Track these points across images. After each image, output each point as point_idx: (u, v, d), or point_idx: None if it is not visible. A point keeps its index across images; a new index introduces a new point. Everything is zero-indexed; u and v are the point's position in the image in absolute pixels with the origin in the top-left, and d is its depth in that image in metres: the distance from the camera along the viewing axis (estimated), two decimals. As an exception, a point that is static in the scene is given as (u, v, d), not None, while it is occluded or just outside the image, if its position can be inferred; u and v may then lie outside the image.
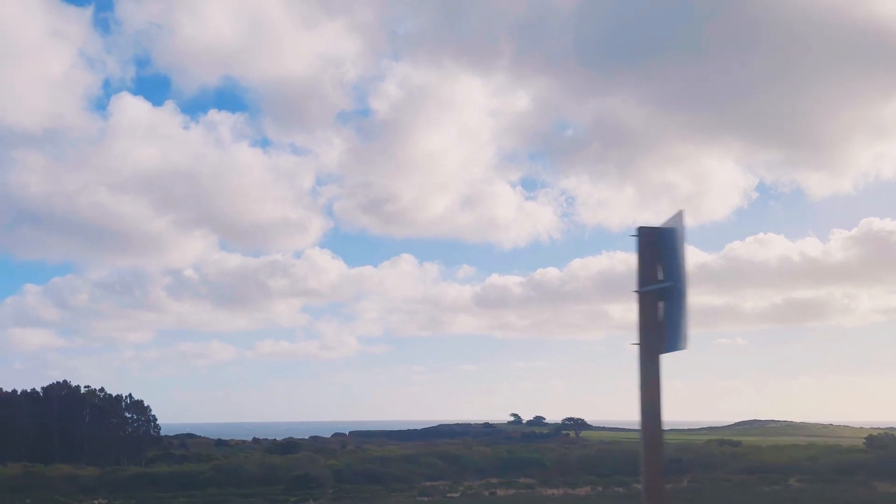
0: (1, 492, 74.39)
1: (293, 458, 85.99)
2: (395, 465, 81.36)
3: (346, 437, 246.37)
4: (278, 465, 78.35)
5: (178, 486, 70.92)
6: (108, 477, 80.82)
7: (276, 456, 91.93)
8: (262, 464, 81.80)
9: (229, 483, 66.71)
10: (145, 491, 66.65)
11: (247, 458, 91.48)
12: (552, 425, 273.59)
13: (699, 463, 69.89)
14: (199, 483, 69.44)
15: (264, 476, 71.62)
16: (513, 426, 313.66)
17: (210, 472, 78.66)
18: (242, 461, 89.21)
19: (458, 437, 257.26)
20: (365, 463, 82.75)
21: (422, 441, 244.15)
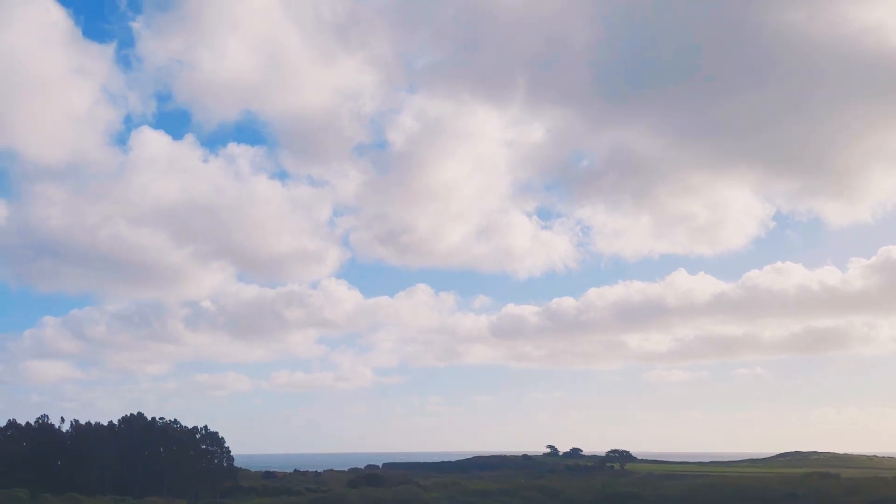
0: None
1: (398, 491, 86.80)
2: (496, 499, 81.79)
3: (386, 470, 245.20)
4: (384, 499, 79.20)
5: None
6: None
7: (382, 489, 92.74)
8: (366, 496, 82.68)
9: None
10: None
11: (349, 492, 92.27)
12: (595, 457, 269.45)
13: (818, 498, 69.24)
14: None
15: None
16: (550, 458, 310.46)
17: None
18: (345, 493, 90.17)
19: (496, 469, 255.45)
20: (468, 497, 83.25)
21: (462, 473, 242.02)
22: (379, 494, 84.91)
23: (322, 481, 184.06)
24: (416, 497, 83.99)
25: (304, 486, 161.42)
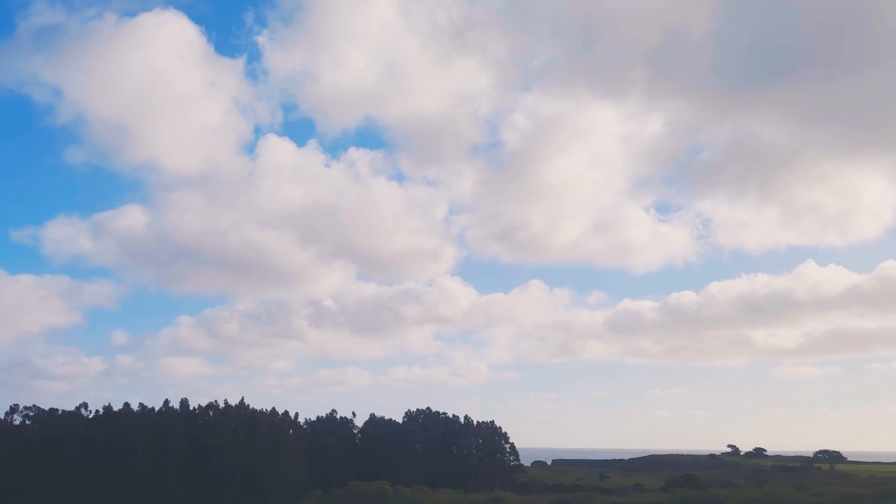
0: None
1: (772, 491, 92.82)
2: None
3: (569, 466, 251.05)
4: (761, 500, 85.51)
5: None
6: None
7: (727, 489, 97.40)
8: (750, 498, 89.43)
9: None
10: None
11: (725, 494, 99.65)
12: (801, 458, 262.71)
13: None
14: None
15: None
16: (732, 457, 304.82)
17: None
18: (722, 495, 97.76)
19: (684, 469, 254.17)
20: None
21: (656, 472, 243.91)
22: (755, 495, 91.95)
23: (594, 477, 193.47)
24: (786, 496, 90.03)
25: (582, 482, 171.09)
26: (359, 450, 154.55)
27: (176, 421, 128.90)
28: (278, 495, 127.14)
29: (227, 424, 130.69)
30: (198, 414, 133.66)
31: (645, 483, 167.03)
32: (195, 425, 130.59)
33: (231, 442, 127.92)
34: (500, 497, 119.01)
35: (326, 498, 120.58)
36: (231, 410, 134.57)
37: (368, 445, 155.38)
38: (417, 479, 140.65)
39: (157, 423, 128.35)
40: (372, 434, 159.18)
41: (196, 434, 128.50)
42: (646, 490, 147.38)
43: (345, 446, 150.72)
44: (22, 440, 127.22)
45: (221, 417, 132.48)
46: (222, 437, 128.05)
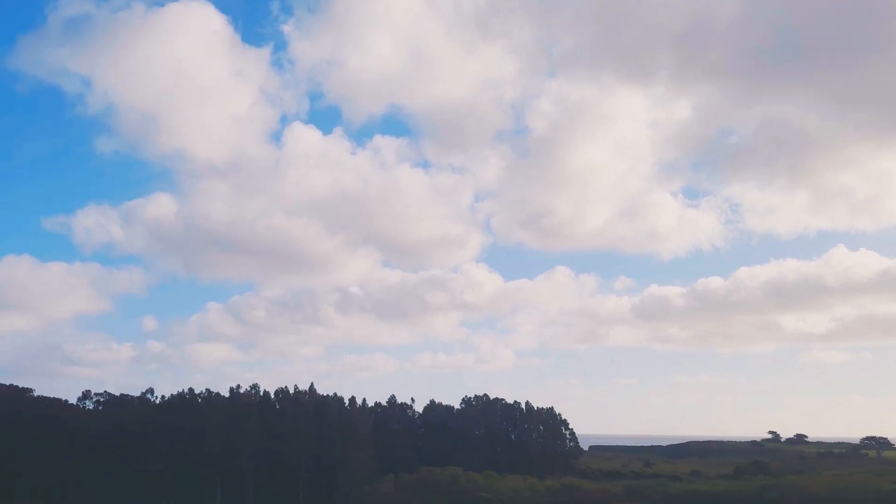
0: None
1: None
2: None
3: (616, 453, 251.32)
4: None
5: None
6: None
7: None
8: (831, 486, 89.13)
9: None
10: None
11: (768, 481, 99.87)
12: (845, 444, 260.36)
13: None
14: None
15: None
16: (773, 444, 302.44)
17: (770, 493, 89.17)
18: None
19: (726, 455, 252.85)
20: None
21: (697, 458, 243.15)
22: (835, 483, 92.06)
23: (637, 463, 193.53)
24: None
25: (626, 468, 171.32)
26: (419, 435, 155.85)
27: (249, 406, 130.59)
28: (350, 479, 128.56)
29: (298, 410, 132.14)
30: (270, 400, 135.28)
31: (702, 470, 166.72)
32: (267, 410, 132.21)
33: (302, 427, 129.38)
34: (574, 483, 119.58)
35: (399, 483, 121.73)
36: (301, 396, 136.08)
37: (430, 431, 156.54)
38: (479, 465, 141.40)
39: (231, 408, 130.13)
40: (432, 420, 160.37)
41: (268, 419, 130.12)
42: (705, 477, 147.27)
43: (407, 432, 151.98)
44: (95, 425, 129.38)
45: (292, 403, 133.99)
46: (294, 422, 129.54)
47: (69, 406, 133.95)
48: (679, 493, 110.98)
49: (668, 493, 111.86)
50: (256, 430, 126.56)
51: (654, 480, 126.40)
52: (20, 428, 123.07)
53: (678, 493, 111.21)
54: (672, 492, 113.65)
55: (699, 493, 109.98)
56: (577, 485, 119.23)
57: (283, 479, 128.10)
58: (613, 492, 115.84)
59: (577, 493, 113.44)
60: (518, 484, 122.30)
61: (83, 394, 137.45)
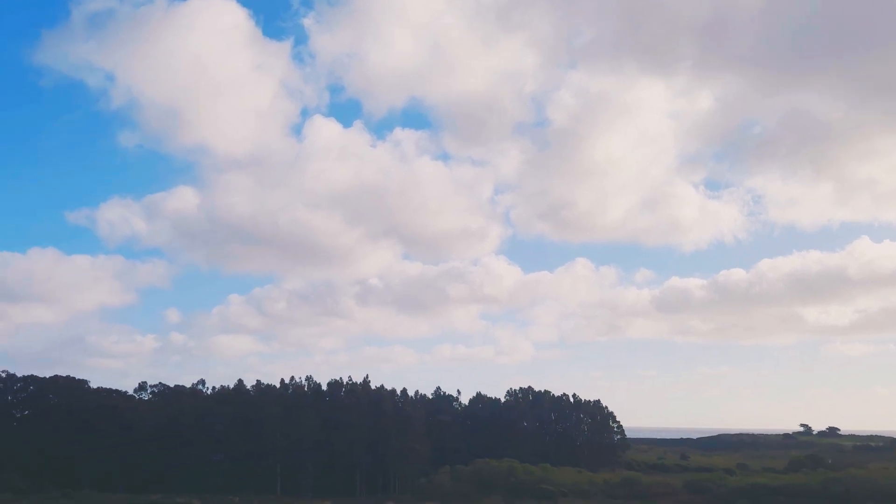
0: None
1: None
2: None
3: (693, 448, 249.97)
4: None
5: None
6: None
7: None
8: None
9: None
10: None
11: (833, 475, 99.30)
12: (881, 437, 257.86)
13: None
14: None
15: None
16: (806, 437, 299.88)
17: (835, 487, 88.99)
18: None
19: (759, 448, 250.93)
20: None
21: (733, 451, 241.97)
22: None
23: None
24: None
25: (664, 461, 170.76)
26: (467, 427, 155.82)
27: (305, 397, 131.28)
28: (406, 471, 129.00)
29: (352, 401, 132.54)
30: (325, 391, 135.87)
31: (748, 463, 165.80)
32: (321, 401, 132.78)
33: (357, 418, 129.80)
34: (632, 477, 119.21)
35: (456, 474, 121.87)
36: (356, 387, 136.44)
37: (477, 423, 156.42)
38: (528, 457, 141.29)
39: (287, 399, 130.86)
40: (478, 411, 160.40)
41: (323, 410, 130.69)
42: (752, 470, 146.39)
43: (456, 424, 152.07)
44: (153, 415, 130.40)
45: (348, 394, 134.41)
46: (349, 413, 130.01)
47: (127, 397, 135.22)
48: (742, 486, 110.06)
49: (730, 487, 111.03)
50: (313, 421, 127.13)
51: (712, 474, 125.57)
52: (80, 419, 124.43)
53: (741, 486, 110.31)
54: (733, 485, 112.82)
55: (761, 486, 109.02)
56: (635, 478, 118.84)
57: (340, 470, 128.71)
58: (674, 485, 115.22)
59: (638, 487, 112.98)
60: (575, 476, 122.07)
61: (139, 385, 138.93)
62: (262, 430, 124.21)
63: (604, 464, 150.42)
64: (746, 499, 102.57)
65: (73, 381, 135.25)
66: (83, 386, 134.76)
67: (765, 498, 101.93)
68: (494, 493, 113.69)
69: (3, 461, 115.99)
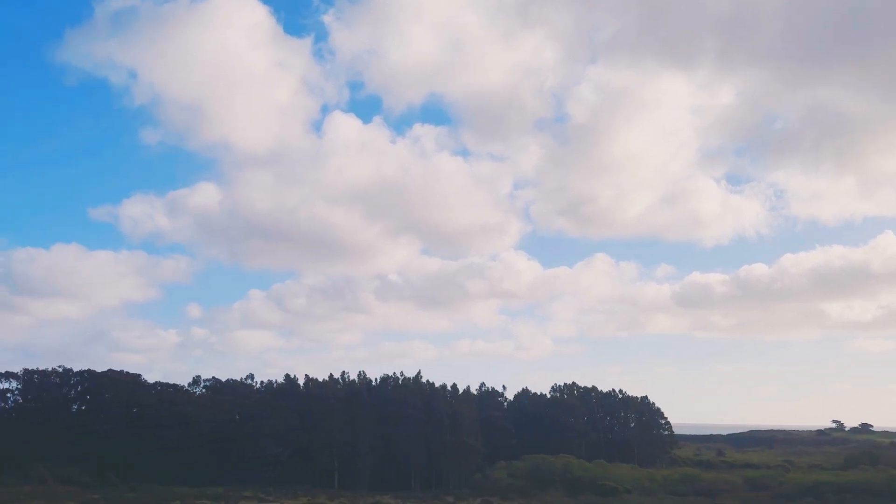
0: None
1: None
2: None
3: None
4: None
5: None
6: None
7: None
8: None
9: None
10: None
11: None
12: None
13: None
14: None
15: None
16: (839, 433, 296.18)
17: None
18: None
19: (793, 444, 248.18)
20: None
21: (768, 447, 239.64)
22: None
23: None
24: None
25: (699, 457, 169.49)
26: (515, 423, 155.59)
27: (361, 392, 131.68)
28: (460, 466, 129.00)
29: (407, 396, 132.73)
30: (377, 386, 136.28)
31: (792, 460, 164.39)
32: (375, 396, 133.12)
33: (411, 413, 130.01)
34: (692, 473, 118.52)
35: (512, 469, 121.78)
36: (408, 382, 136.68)
37: (524, 418, 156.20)
38: (578, 454, 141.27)
39: (341, 394, 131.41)
40: (525, 407, 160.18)
41: (377, 404, 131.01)
42: (798, 466, 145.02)
43: (505, 419, 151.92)
44: (210, 409, 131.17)
45: (400, 390, 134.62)
46: (402, 408, 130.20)
47: (183, 391, 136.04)
48: (805, 483, 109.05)
49: (792, 484, 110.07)
50: (368, 416, 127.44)
51: (770, 470, 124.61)
52: (139, 413, 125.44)
53: (804, 483, 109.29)
54: (795, 482, 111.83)
55: (825, 483, 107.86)
56: (694, 475, 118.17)
57: (393, 465, 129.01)
58: (734, 482, 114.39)
59: (698, 484, 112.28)
60: (632, 473, 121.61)
61: (193, 379, 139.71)
62: (320, 424, 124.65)
63: (655, 460, 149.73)
64: (811, 495, 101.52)
65: (128, 375, 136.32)
66: (138, 380, 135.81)
67: (830, 495, 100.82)
68: (552, 489, 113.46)
69: (63, 455, 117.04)
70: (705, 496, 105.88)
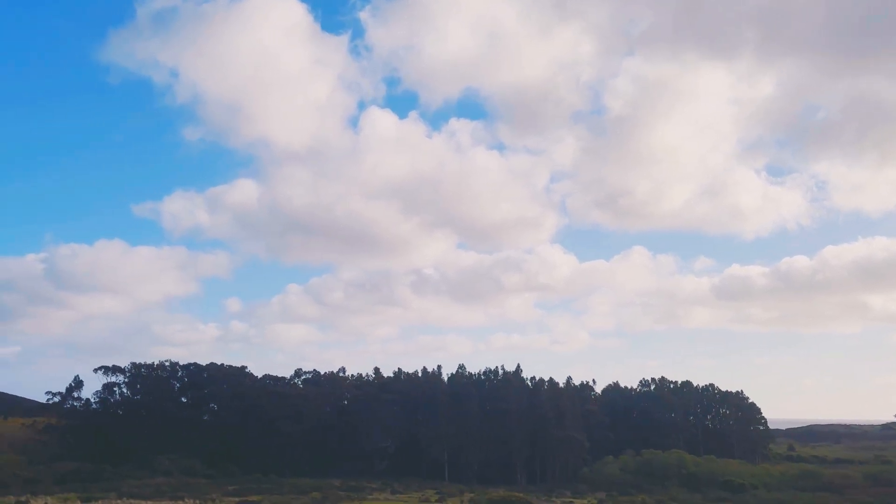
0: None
1: None
2: None
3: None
4: None
5: None
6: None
7: None
8: None
9: None
10: None
11: None
12: None
13: None
14: None
15: None
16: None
17: None
18: None
19: (857, 439, 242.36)
20: None
21: (835, 442, 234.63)
22: None
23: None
24: None
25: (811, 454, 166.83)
26: (608, 416, 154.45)
27: (468, 387, 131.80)
28: (566, 460, 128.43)
29: (510, 390, 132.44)
30: (480, 380, 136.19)
31: (885, 454, 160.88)
32: (481, 391, 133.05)
33: (515, 407, 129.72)
34: (814, 470, 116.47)
35: (624, 463, 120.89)
36: (509, 377, 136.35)
37: (616, 412, 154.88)
38: (678, 448, 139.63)
39: (448, 388, 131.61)
40: (616, 401, 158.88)
41: (481, 399, 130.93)
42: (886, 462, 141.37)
43: (602, 413, 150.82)
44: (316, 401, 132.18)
45: (504, 384, 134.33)
46: (507, 402, 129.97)
47: (290, 384, 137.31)
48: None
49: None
50: (475, 409, 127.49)
51: (890, 466, 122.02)
52: (249, 405, 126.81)
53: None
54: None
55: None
56: (815, 471, 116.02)
57: (498, 458, 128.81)
58: (854, 478, 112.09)
59: (820, 480, 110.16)
60: (747, 469, 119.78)
61: (295, 372, 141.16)
62: (429, 417, 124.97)
63: (754, 456, 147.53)
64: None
65: (233, 368, 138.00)
66: (244, 372, 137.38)
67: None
68: (667, 485, 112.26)
69: (174, 447, 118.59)
70: (830, 492, 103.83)
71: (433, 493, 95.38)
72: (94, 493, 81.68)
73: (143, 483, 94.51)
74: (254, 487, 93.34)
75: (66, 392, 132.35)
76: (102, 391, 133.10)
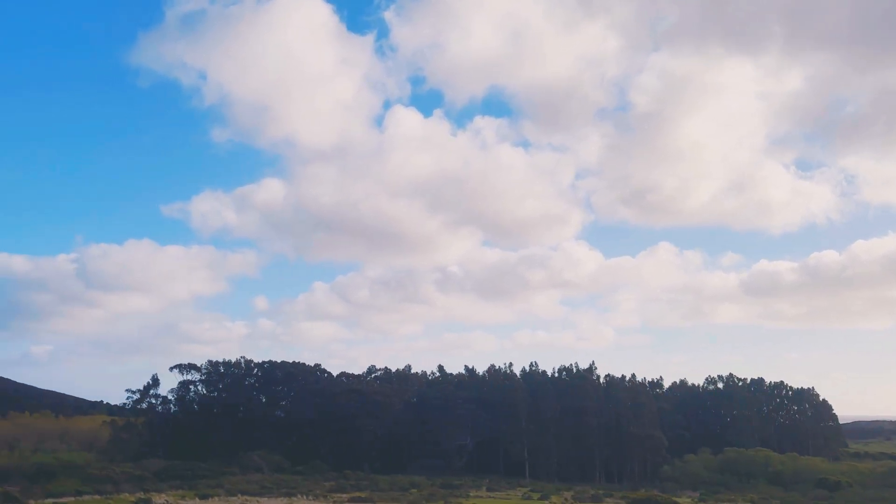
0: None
1: None
2: None
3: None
4: None
5: None
6: None
7: None
8: None
9: None
10: None
11: None
12: None
13: None
14: None
15: None
16: None
17: None
18: None
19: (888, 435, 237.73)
20: None
21: (886, 439, 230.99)
22: None
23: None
24: None
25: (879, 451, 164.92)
26: (680, 413, 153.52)
27: (546, 384, 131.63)
28: (644, 457, 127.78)
29: (586, 388, 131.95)
30: (556, 378, 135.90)
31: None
32: (559, 387, 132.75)
33: (592, 405, 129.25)
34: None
35: (707, 461, 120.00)
36: (583, 374, 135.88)
37: (684, 409, 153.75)
38: (751, 445, 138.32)
39: (528, 386, 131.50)
40: (684, 398, 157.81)
41: (558, 396, 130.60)
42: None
43: (673, 410, 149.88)
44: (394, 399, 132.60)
45: (581, 380, 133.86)
46: (583, 400, 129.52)
47: (366, 381, 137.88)
48: None
49: None
50: (553, 406, 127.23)
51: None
52: (330, 403, 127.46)
53: None
54: None
55: None
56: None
57: (575, 455, 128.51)
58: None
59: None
60: (832, 466, 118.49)
61: (368, 370, 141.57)
62: (508, 415, 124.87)
63: (828, 453, 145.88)
64: None
65: (307, 366, 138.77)
66: (320, 369, 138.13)
67: None
68: (754, 483, 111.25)
69: (254, 444, 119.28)
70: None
71: (528, 490, 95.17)
72: (201, 490, 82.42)
73: (242, 479, 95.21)
74: (351, 484, 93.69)
75: (143, 390, 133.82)
76: (178, 389, 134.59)
